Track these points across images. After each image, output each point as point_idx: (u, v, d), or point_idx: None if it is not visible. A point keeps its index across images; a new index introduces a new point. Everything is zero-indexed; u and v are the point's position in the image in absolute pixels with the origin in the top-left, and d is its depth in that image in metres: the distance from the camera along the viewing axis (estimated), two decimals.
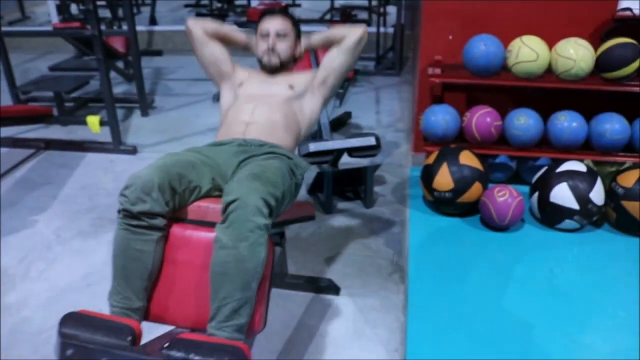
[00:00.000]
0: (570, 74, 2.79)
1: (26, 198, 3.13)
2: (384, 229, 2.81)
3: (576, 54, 2.75)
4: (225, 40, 2.22)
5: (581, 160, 2.83)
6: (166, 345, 1.20)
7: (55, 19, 6.09)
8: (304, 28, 2.40)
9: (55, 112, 3.96)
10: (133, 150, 3.65)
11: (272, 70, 2.16)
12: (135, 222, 1.52)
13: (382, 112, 4.43)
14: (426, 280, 2.35)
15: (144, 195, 1.52)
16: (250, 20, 4.53)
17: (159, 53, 5.34)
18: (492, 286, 2.33)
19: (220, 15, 7.21)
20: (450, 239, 2.69)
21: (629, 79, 2.83)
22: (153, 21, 6.62)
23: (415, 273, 2.40)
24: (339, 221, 2.87)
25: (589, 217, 2.68)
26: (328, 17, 7.63)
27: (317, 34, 2.26)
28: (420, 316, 2.14)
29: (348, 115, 4.21)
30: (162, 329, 1.55)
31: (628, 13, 2.91)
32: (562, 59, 2.78)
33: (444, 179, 2.75)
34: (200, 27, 2.17)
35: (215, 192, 1.71)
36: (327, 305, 2.25)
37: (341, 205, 3.03)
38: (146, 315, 1.52)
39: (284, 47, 2.14)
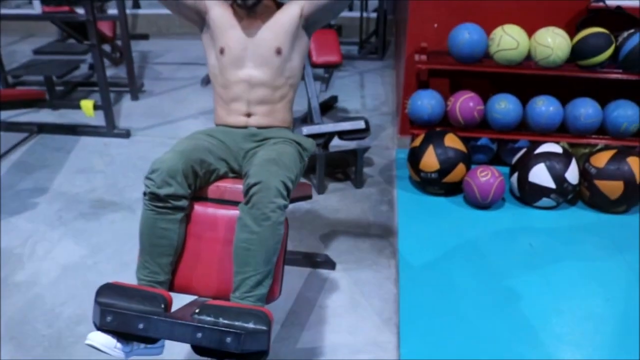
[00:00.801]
0: (548, 61, 2.96)
1: (24, 181, 3.20)
2: (373, 208, 2.97)
3: (554, 43, 2.92)
4: None
5: (557, 143, 3.02)
6: (197, 310, 1.34)
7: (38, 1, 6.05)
8: None
9: (46, 96, 4.01)
10: (126, 134, 3.73)
11: (250, 9, 1.93)
12: (161, 204, 1.63)
13: (367, 96, 4.57)
14: (415, 255, 2.52)
15: (169, 179, 1.63)
16: None
17: (145, 37, 5.38)
18: (476, 259, 2.51)
19: None
20: (436, 216, 2.86)
21: (601, 66, 3.02)
22: (136, 4, 6.62)
23: (405, 248, 2.57)
24: (331, 201, 3.02)
25: (565, 195, 2.87)
26: None
27: None
28: (411, 287, 2.31)
29: (334, 99, 4.34)
30: (184, 300, 1.69)
31: (601, 4, 3.09)
32: (541, 47, 2.94)
33: (430, 161, 2.92)
34: None
35: (230, 174, 1.84)
36: (324, 279, 2.41)
37: (332, 185, 3.18)
38: (171, 287, 1.65)
39: None
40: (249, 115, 1.99)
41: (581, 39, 2.96)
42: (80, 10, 3.59)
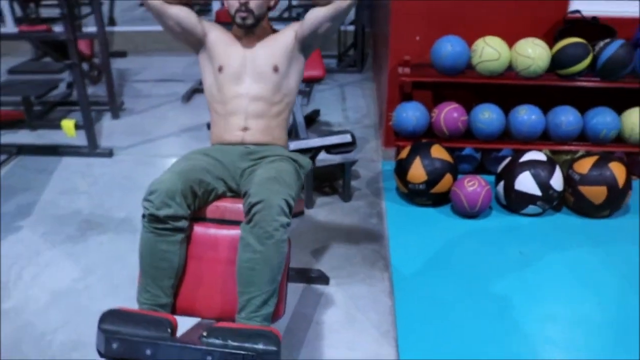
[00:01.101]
0: (529, 72, 3.02)
1: (6, 204, 3.14)
2: (363, 221, 2.98)
3: (534, 53, 2.99)
4: (187, 1, 2.03)
5: (540, 150, 3.08)
6: (205, 333, 1.33)
7: (10, 20, 5.97)
8: None
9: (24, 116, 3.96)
10: (109, 153, 3.69)
11: (248, 29, 2.00)
12: (160, 226, 1.62)
13: (348, 109, 4.59)
14: (408, 267, 2.54)
15: (168, 200, 1.62)
16: (219, 22, 4.59)
17: (123, 54, 5.34)
18: (468, 268, 2.54)
19: None
20: (426, 227, 2.88)
21: (580, 75, 3.09)
22: (112, 22, 6.57)
23: (397, 261, 2.58)
24: (320, 215, 3.02)
25: (550, 202, 2.92)
26: (286, 14, 7.73)
27: None
28: (406, 300, 2.32)
29: (317, 112, 4.36)
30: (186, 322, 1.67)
31: (577, 15, 3.16)
32: (522, 58, 3.01)
33: (417, 172, 2.95)
34: None
35: (228, 193, 1.84)
36: (319, 295, 2.41)
37: (320, 200, 3.18)
38: (173, 310, 1.64)
39: (257, 3, 1.94)
40: (245, 129, 1.99)
41: (560, 49, 3.03)
42: (57, 28, 3.55)
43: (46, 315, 2.30)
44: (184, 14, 2.00)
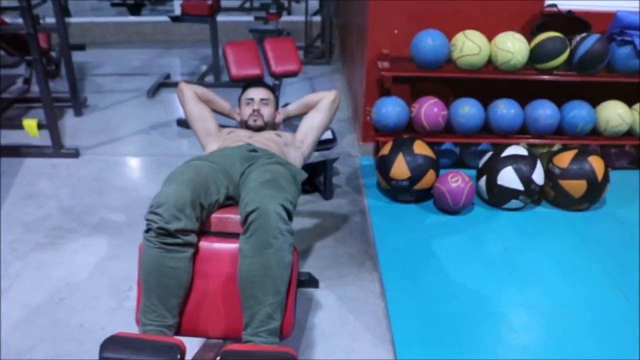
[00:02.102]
0: (509, 66, 3.02)
1: None
2: (346, 220, 2.92)
3: (514, 47, 2.98)
4: (211, 105, 2.39)
5: (518, 144, 3.09)
6: (218, 358, 1.24)
7: None
8: (224, 17, 2.46)
9: None
10: (75, 154, 3.51)
11: (257, 131, 2.31)
12: (170, 240, 1.52)
13: None
14: (397, 266, 2.50)
15: (178, 212, 1.52)
16: (185, 14, 4.43)
17: (82, 47, 5.08)
18: (456, 265, 2.53)
19: (136, 6, 6.96)
20: (411, 224, 2.85)
21: (558, 69, 3.11)
22: (67, 12, 6.27)
23: (385, 260, 2.54)
24: (302, 215, 2.95)
25: (532, 196, 2.94)
26: (247, 5, 7.58)
27: (292, 105, 2.51)
28: (398, 301, 2.29)
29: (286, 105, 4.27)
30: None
31: (554, 9, 3.18)
32: (502, 52, 3.00)
33: (400, 169, 2.91)
34: (191, 89, 2.35)
35: (228, 200, 1.75)
36: (309, 299, 2.34)
37: (301, 198, 3.08)
38: (177, 331, 1.54)
39: (267, 112, 2.33)
40: (250, 138, 2.09)
41: (538, 43, 3.03)
42: (9, 19, 3.33)
43: (21, 333, 2.15)
44: (207, 110, 2.36)
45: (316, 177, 3.17)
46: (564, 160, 2.95)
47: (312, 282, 2.40)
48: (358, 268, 2.55)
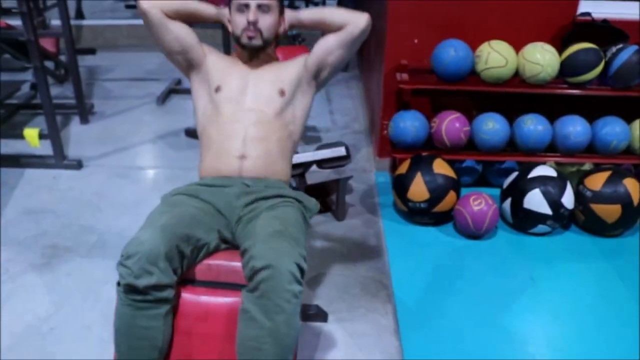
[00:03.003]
0: (538, 79, 2.80)
1: None
2: (359, 243, 2.73)
3: (543, 59, 2.76)
4: (190, 19, 1.84)
5: (544, 163, 2.87)
6: None
7: None
8: None
9: None
10: (78, 165, 3.36)
11: (253, 52, 1.85)
12: (140, 297, 1.32)
13: (335, 111, 4.33)
14: (413, 299, 2.30)
15: (149, 265, 1.33)
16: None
17: (92, 51, 4.95)
18: (479, 297, 2.32)
19: None
20: (429, 250, 2.65)
21: (591, 83, 2.88)
22: (80, 15, 6.15)
23: (401, 291, 2.34)
24: (313, 237, 2.76)
25: (561, 221, 2.72)
26: None
27: (309, 11, 1.91)
28: (414, 339, 2.09)
29: None
30: None
31: (587, 18, 2.94)
32: (530, 64, 2.78)
33: (418, 189, 2.71)
34: (158, 8, 1.77)
35: (222, 245, 1.55)
36: (317, 334, 2.15)
37: (312, 219, 2.91)
38: None
39: (267, 23, 1.80)
40: (243, 157, 1.73)
41: (570, 55, 2.81)
42: (18, 22, 3.17)
43: None
44: (185, 31, 1.84)
45: (328, 195, 2.98)
46: (597, 182, 2.72)
47: (320, 315, 2.22)
48: (371, 299, 2.35)
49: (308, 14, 1.89)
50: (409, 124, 2.92)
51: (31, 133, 3.21)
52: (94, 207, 2.97)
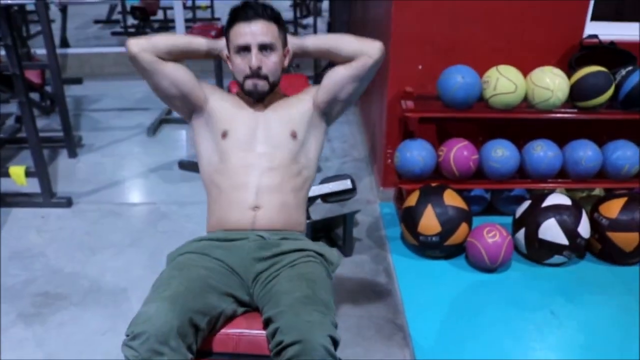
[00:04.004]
0: (548, 104, 2.71)
1: None
2: (370, 281, 2.59)
3: (553, 84, 2.67)
4: (184, 57, 1.67)
5: (554, 190, 2.77)
6: None
7: None
8: None
9: None
10: (67, 203, 3.19)
11: (259, 97, 1.68)
12: None
13: (333, 138, 4.22)
14: (431, 341, 2.17)
15: (159, 346, 1.17)
16: None
17: (79, 81, 4.81)
18: (501, 337, 2.19)
19: (137, 34, 6.69)
20: (442, 286, 2.52)
21: (601, 107, 2.79)
22: (65, 43, 6.01)
23: (417, 332, 2.21)
24: None
25: (578, 250, 2.61)
26: None
27: (314, 38, 1.75)
28: None
29: None
30: None
31: (594, 40, 2.87)
32: (539, 89, 2.69)
33: (429, 222, 2.59)
34: (148, 50, 1.58)
35: (239, 309, 1.39)
36: None
37: None
38: None
39: (272, 65, 1.62)
40: (256, 209, 1.57)
41: (580, 79, 2.72)
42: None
43: None
44: (182, 73, 1.66)
45: (333, 230, 2.85)
46: (612, 209, 2.62)
47: None
48: (386, 343, 2.21)
49: (314, 42, 1.72)
50: (416, 153, 2.80)
51: (17, 171, 3.05)
52: (86, 249, 2.80)
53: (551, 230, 2.55)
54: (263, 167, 1.60)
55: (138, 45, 1.58)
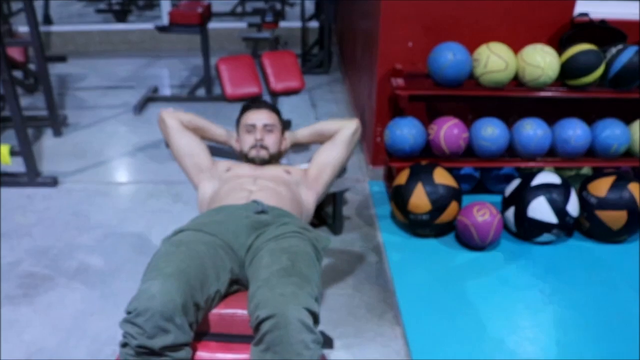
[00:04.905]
0: (539, 82, 2.70)
1: None
2: (360, 260, 2.59)
3: (544, 62, 2.66)
4: (201, 133, 2.04)
5: (542, 168, 2.77)
6: None
7: None
8: (214, 24, 2.23)
9: None
10: (53, 182, 3.14)
11: (260, 164, 1.98)
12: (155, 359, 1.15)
13: (321, 116, 4.18)
14: (422, 318, 2.18)
15: (165, 322, 1.15)
16: (174, 24, 4.06)
17: (63, 59, 4.70)
18: (490, 314, 2.22)
19: (122, 12, 6.56)
20: (433, 264, 2.53)
21: (591, 85, 2.79)
22: (48, 20, 5.87)
23: (408, 311, 2.22)
24: None
25: (566, 229, 2.63)
26: (239, 9, 7.21)
27: (304, 129, 2.13)
28: None
29: (287, 124, 3.93)
30: None
31: (585, 18, 2.86)
32: (530, 68, 2.67)
33: (420, 201, 2.58)
34: (175, 117, 2.00)
35: (233, 286, 1.38)
36: None
37: None
38: None
39: (272, 141, 1.99)
40: (251, 193, 1.72)
41: (571, 57, 2.71)
42: None
43: None
44: (198, 139, 2.02)
45: (323, 208, 2.84)
46: (601, 188, 2.64)
47: (325, 341, 2.06)
48: (377, 321, 2.22)
49: (304, 133, 2.12)
50: (406, 131, 2.79)
51: (1, 150, 2.99)
52: (73, 228, 2.77)
53: (540, 209, 2.56)
54: (260, 177, 1.87)
55: (169, 114, 2.02)
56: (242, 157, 2.02)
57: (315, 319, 1.22)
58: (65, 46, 5.59)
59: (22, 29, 4.41)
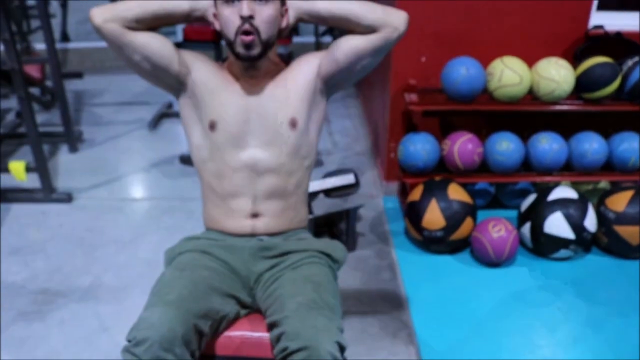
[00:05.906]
0: (553, 96, 2.67)
1: None
2: (373, 277, 2.56)
3: (558, 75, 2.63)
4: (159, 23, 1.41)
5: (559, 183, 2.73)
6: None
7: None
8: None
9: None
10: (68, 198, 3.17)
11: (251, 62, 1.40)
12: None
13: (334, 132, 4.18)
14: (437, 339, 2.14)
15: (164, 353, 1.13)
16: (188, 40, 4.10)
17: (79, 75, 4.78)
18: (509, 335, 2.16)
19: None
20: (447, 281, 2.49)
21: (607, 98, 2.75)
22: (65, 37, 5.97)
23: (422, 329, 2.18)
24: None
25: (584, 244, 2.58)
26: None
27: (329, 2, 1.39)
28: None
29: None
30: None
31: (600, 31, 2.83)
32: (545, 81, 2.64)
33: (434, 217, 2.55)
34: (114, 20, 1.36)
35: (242, 311, 1.36)
36: None
37: None
38: None
39: (266, 16, 1.34)
40: (255, 216, 1.48)
41: (586, 70, 2.68)
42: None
43: None
44: (155, 44, 1.40)
45: (336, 225, 2.82)
46: (619, 203, 2.59)
47: None
48: (391, 340, 2.18)
49: (327, 7, 1.39)
50: (420, 147, 2.77)
51: (17, 166, 3.02)
52: (87, 245, 2.78)
53: (557, 224, 2.52)
54: (259, 169, 1.45)
55: (101, 15, 1.36)
56: (227, 45, 1.41)
57: (343, 351, 1.20)
58: (82, 63, 5.67)
59: (40, 46, 4.48)
